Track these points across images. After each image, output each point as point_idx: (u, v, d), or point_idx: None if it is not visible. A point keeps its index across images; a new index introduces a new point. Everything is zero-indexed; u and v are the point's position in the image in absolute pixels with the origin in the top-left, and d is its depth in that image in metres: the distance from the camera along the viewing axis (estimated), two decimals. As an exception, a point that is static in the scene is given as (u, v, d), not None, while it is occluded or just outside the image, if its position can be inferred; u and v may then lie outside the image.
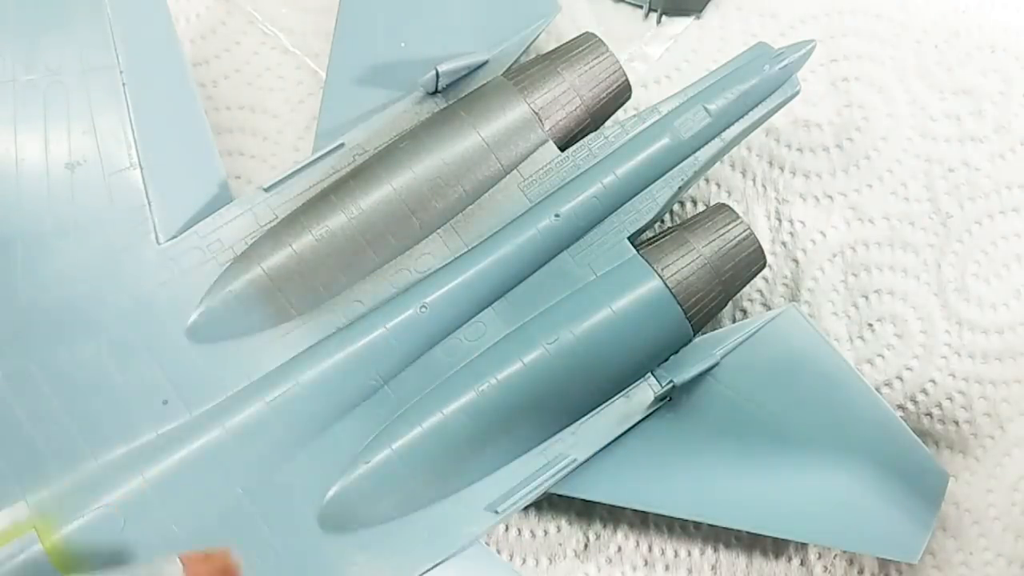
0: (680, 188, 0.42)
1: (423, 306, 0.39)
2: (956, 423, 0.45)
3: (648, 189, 0.42)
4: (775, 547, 0.43)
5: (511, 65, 0.44)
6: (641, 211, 0.42)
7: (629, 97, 0.44)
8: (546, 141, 0.42)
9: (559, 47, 0.43)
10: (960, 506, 0.44)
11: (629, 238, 0.41)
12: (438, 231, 0.41)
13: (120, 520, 0.35)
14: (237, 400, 0.37)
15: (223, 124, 0.47)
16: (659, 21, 0.50)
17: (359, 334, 0.38)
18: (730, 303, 0.44)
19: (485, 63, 0.43)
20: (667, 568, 0.43)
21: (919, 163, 0.47)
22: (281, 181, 0.41)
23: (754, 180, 0.47)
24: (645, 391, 0.40)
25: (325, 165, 0.41)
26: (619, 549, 0.43)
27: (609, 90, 0.43)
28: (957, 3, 0.50)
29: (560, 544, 0.43)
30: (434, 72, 0.41)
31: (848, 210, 0.47)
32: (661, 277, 0.40)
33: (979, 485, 0.44)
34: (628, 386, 0.40)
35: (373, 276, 0.40)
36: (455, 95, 0.43)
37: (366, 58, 0.44)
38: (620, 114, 0.45)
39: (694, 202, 0.47)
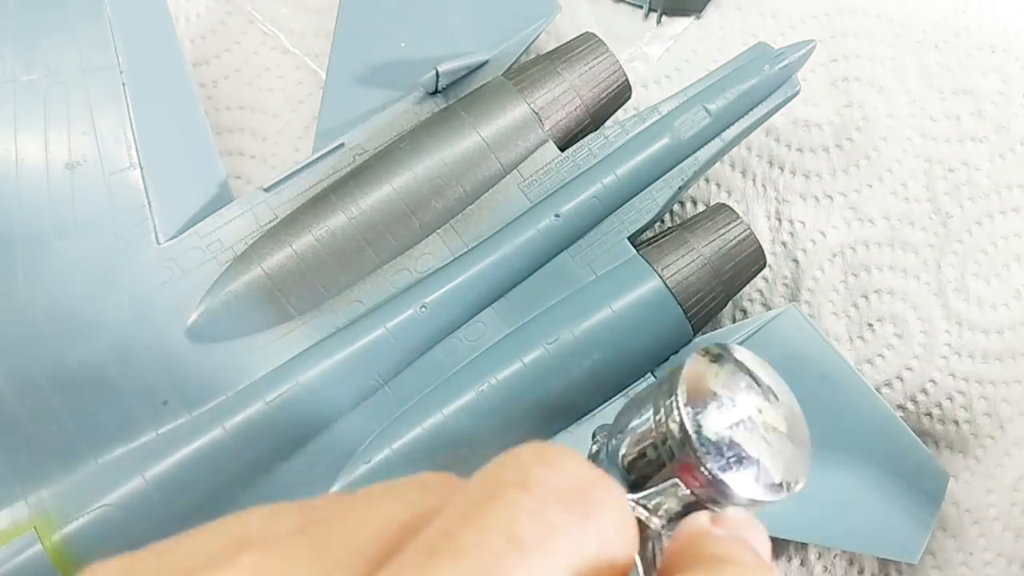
0: (680, 188, 0.42)
1: (423, 306, 0.39)
2: (956, 423, 0.45)
3: (648, 189, 0.42)
4: (775, 547, 0.43)
5: (511, 65, 0.44)
6: (641, 211, 0.41)
7: (629, 97, 0.44)
8: (546, 141, 0.42)
9: (559, 47, 0.43)
10: (960, 506, 0.44)
11: (629, 238, 0.41)
12: (438, 231, 0.41)
13: (120, 520, 0.35)
14: (237, 400, 0.37)
15: (223, 124, 0.47)
16: (659, 21, 0.50)
17: (359, 334, 0.38)
18: (730, 303, 0.44)
19: (485, 63, 0.43)
20: (667, 568, 0.43)
21: (919, 163, 0.47)
22: (281, 181, 0.41)
23: (754, 180, 0.47)
24: (645, 391, 0.40)
25: (325, 165, 0.41)
26: (619, 549, 0.43)
27: (609, 90, 0.43)
28: (957, 3, 0.50)
29: (560, 544, 0.43)
30: (434, 72, 0.41)
31: (848, 210, 0.47)
32: (661, 277, 0.40)
33: (979, 485, 0.44)
34: (628, 386, 0.40)
35: (373, 276, 0.40)
36: (455, 95, 0.43)
37: (366, 58, 0.44)
38: (620, 114, 0.45)
39: (694, 202, 0.47)
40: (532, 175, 0.41)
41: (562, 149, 0.42)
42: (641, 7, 0.50)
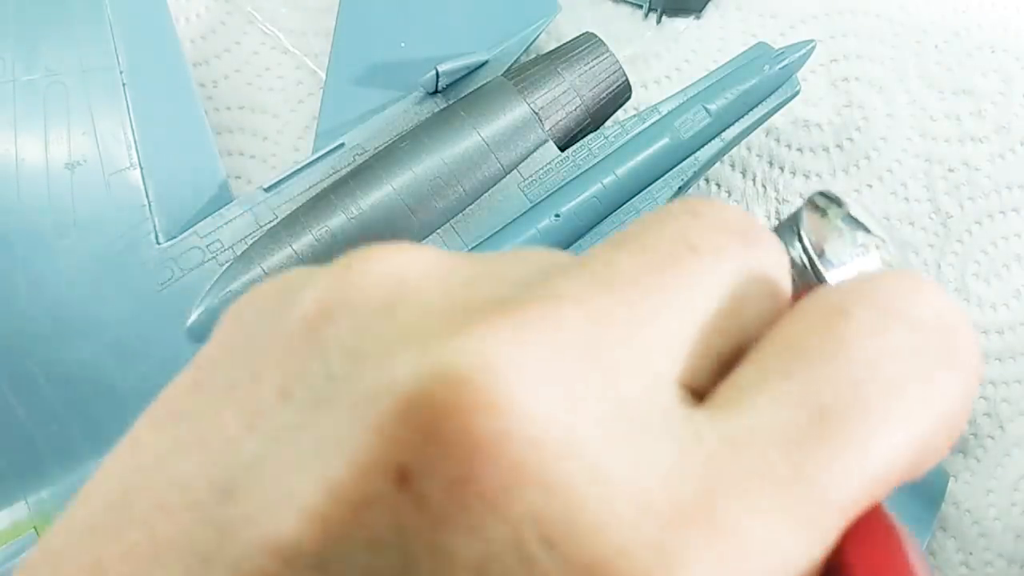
0: (680, 188, 0.42)
1: (423, 306, 0.39)
2: (956, 423, 0.45)
3: (648, 189, 0.42)
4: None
5: (511, 65, 0.44)
6: (641, 211, 0.41)
7: (629, 97, 0.44)
8: (546, 141, 0.42)
9: (559, 47, 0.43)
10: (960, 506, 0.44)
11: (629, 238, 0.41)
12: (438, 231, 0.41)
13: (120, 520, 0.35)
14: (237, 400, 0.37)
15: (223, 124, 0.47)
16: (659, 21, 0.50)
17: (359, 334, 0.38)
18: (730, 303, 0.44)
19: (485, 63, 0.43)
20: (667, 568, 0.43)
21: (919, 163, 0.47)
22: (281, 181, 0.41)
23: (754, 180, 0.47)
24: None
25: (325, 165, 0.41)
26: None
27: (609, 90, 0.43)
28: (957, 3, 0.50)
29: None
30: (434, 72, 0.41)
31: (848, 210, 0.46)
32: (661, 277, 0.40)
33: (979, 485, 0.44)
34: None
35: (373, 276, 0.40)
36: (455, 95, 0.43)
37: (366, 58, 0.44)
38: (620, 114, 0.45)
39: (694, 202, 0.47)
40: (532, 175, 0.41)
41: (562, 149, 0.42)
42: (641, 7, 0.50)
